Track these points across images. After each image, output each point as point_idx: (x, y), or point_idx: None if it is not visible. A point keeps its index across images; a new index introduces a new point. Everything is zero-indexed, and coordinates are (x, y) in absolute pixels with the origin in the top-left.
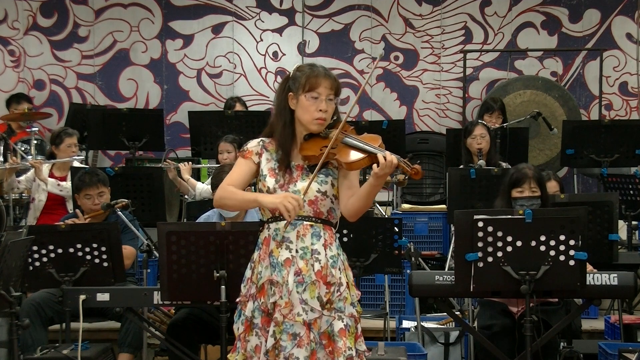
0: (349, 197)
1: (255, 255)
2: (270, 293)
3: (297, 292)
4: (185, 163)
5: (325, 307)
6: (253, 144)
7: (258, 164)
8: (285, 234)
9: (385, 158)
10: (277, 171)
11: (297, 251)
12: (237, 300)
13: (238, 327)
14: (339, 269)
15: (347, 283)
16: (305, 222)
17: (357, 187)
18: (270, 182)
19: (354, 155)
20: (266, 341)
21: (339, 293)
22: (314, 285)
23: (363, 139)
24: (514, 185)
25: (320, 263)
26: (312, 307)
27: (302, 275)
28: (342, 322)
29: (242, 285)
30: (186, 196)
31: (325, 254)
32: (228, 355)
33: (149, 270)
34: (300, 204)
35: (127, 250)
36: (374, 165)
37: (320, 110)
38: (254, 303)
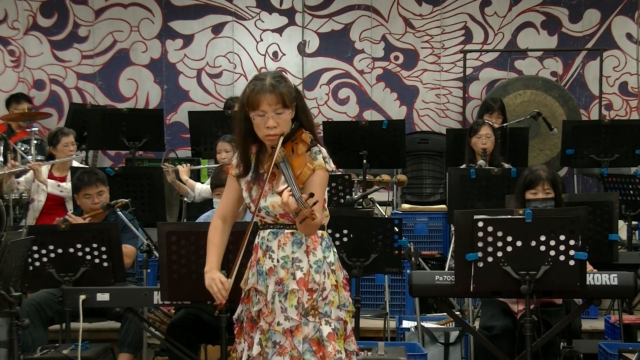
0: None
1: (250, 260)
2: (255, 301)
3: (279, 301)
4: (184, 164)
5: (310, 314)
6: (235, 156)
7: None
8: (269, 242)
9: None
10: (251, 184)
11: (278, 260)
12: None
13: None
14: (324, 273)
15: (335, 285)
16: (286, 231)
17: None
18: (245, 195)
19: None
20: (249, 347)
21: (323, 298)
22: (293, 294)
23: (294, 162)
24: (527, 187)
25: (302, 271)
26: (290, 316)
27: (283, 284)
28: (330, 326)
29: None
30: (185, 198)
31: (308, 261)
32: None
33: (149, 270)
34: (227, 288)
35: (128, 249)
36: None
37: (268, 127)
38: (242, 307)
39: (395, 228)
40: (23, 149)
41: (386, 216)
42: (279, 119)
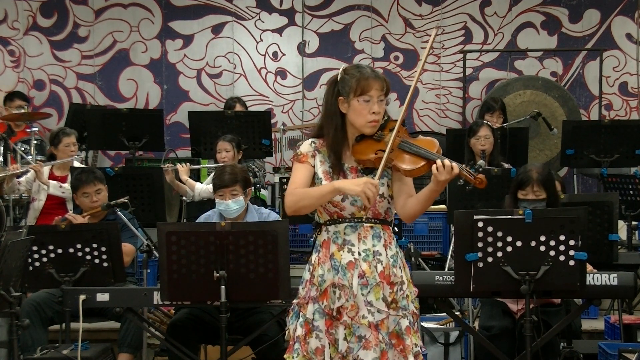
0: (405, 199)
1: (314, 257)
2: (334, 297)
3: (362, 294)
4: (184, 164)
5: (390, 307)
6: (306, 148)
7: (314, 166)
8: (346, 236)
9: (444, 164)
10: (331, 174)
11: (359, 254)
12: (296, 302)
13: (295, 329)
14: (400, 268)
15: (408, 280)
16: (365, 224)
17: (412, 189)
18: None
19: (413, 163)
20: (329, 344)
21: (402, 292)
22: (378, 287)
23: (419, 143)
24: (518, 187)
25: (382, 264)
26: (378, 308)
27: (366, 277)
28: (407, 319)
29: (301, 287)
30: (184, 197)
31: (386, 254)
32: (285, 356)
33: (149, 270)
34: (378, 190)
35: (127, 247)
36: (434, 170)
37: (373, 112)
38: (314, 305)
39: (395, 228)
40: (23, 149)
41: None
42: (381, 107)
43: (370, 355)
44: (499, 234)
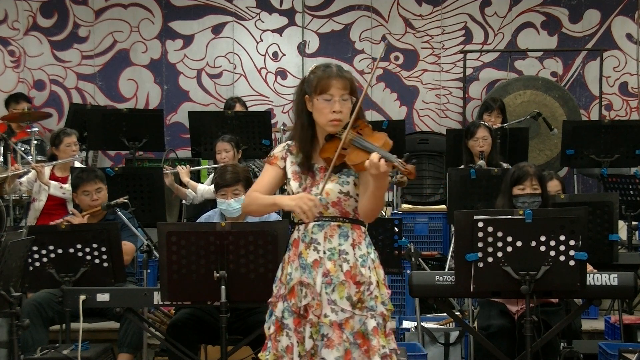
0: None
1: (286, 256)
2: (301, 295)
3: (326, 293)
4: (184, 166)
5: (356, 307)
6: (278, 149)
7: (284, 169)
8: (313, 235)
9: (373, 159)
10: (300, 174)
11: (324, 252)
12: (269, 300)
13: (269, 327)
14: (369, 268)
15: (377, 282)
16: (332, 223)
17: None
18: (294, 185)
19: (360, 157)
20: (297, 342)
21: (369, 292)
22: (342, 286)
23: (370, 138)
24: (515, 183)
25: (348, 263)
26: (342, 307)
27: (330, 276)
28: (375, 320)
29: (274, 286)
30: (183, 201)
31: (354, 254)
32: (259, 355)
33: (149, 271)
34: (317, 204)
35: (127, 246)
36: (366, 164)
37: (334, 111)
38: (283, 304)
39: (395, 228)
40: (23, 149)
41: (386, 216)
42: (344, 106)
43: (332, 354)
44: (499, 234)
